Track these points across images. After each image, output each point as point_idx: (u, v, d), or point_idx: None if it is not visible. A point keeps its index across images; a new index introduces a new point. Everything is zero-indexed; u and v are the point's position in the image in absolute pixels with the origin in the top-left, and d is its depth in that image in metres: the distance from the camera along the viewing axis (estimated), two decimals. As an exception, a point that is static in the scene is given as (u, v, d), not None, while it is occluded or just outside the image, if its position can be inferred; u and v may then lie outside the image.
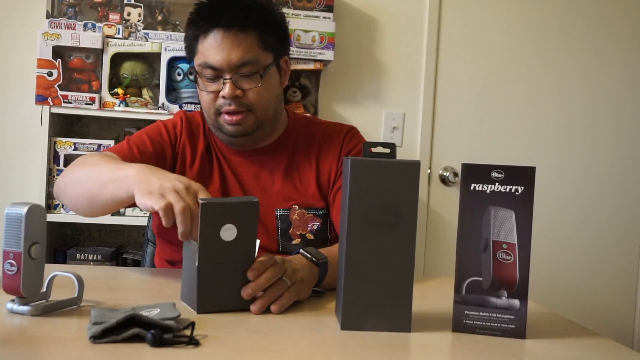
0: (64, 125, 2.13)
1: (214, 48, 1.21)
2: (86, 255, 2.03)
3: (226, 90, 1.20)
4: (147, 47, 2.01)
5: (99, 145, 1.98)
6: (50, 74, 1.96)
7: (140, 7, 2.03)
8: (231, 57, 1.20)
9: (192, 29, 1.26)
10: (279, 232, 1.28)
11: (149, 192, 0.94)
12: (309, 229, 1.29)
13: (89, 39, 1.97)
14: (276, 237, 1.27)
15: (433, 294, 1.13)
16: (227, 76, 1.21)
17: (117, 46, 1.99)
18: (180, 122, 1.33)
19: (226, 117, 1.23)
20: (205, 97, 1.25)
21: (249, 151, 1.31)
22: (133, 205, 1.03)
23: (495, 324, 0.84)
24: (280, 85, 1.30)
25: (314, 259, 1.02)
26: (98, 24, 2.02)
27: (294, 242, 1.28)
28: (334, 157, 1.33)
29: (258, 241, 0.93)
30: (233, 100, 1.21)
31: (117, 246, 2.16)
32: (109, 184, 1.04)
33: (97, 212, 1.14)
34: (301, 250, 1.05)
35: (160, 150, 1.27)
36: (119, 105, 2.00)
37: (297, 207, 1.28)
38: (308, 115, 1.64)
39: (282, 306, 0.91)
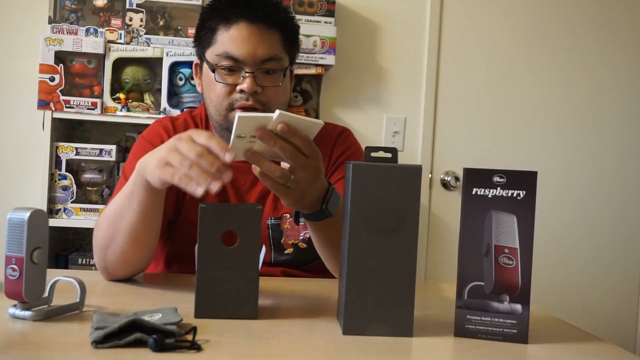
0: (65, 130, 2.13)
1: (238, 40, 1.16)
2: (88, 260, 2.03)
3: (246, 84, 1.15)
4: (148, 52, 2.02)
5: (101, 150, 1.99)
6: (52, 79, 1.96)
7: (142, 12, 2.04)
8: (257, 50, 1.16)
9: (213, 18, 1.20)
10: (271, 242, 1.25)
11: (157, 166, 0.90)
12: (301, 237, 1.26)
13: (91, 44, 1.97)
14: (268, 248, 1.25)
15: (435, 298, 1.13)
16: (249, 70, 1.16)
17: (119, 51, 2.00)
18: (166, 133, 1.26)
19: (239, 112, 1.16)
20: (218, 90, 1.18)
21: None
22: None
23: (498, 329, 0.84)
24: (290, 91, 1.28)
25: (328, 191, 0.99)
26: (100, 29, 2.02)
27: (286, 252, 1.26)
28: (324, 160, 1.25)
29: (264, 250, 0.92)
30: (251, 96, 1.16)
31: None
32: (127, 200, 1.00)
33: (145, 237, 1.04)
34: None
35: None
36: (121, 110, 2.01)
37: (288, 215, 1.25)
38: (303, 115, 1.63)
39: (262, 167, 0.87)
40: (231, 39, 1.17)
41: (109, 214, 1.05)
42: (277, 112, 0.86)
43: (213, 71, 1.19)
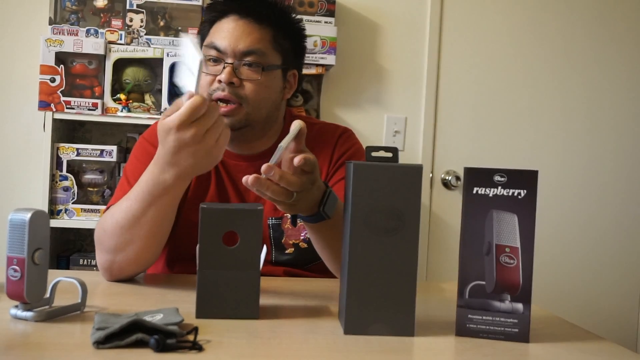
0: (66, 131, 2.14)
1: (224, 31, 1.20)
2: (89, 260, 2.03)
3: (223, 74, 1.17)
4: (149, 53, 2.02)
5: (102, 151, 1.99)
6: (53, 80, 1.96)
7: (143, 13, 2.04)
8: (238, 43, 1.19)
9: (210, 13, 1.25)
10: (272, 242, 1.25)
11: (168, 164, 0.95)
12: (302, 237, 1.26)
13: (92, 45, 1.97)
14: (269, 248, 1.25)
15: (436, 298, 1.13)
16: (229, 61, 1.19)
17: (120, 52, 2.00)
18: None
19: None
20: (202, 81, 1.20)
21: (248, 156, 1.28)
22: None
23: (499, 328, 0.84)
24: (280, 92, 1.27)
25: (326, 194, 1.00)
26: (100, 30, 2.03)
27: (287, 252, 1.26)
28: (325, 161, 1.29)
29: (264, 250, 0.92)
30: (227, 87, 1.17)
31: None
32: (145, 205, 1.00)
33: (162, 235, 1.06)
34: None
35: None
36: (122, 111, 2.01)
37: (289, 215, 1.25)
38: (304, 114, 1.63)
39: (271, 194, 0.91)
40: (218, 31, 1.21)
41: (121, 221, 1.03)
42: (283, 142, 0.90)
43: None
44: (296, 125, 0.93)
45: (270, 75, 1.22)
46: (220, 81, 1.18)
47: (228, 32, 1.20)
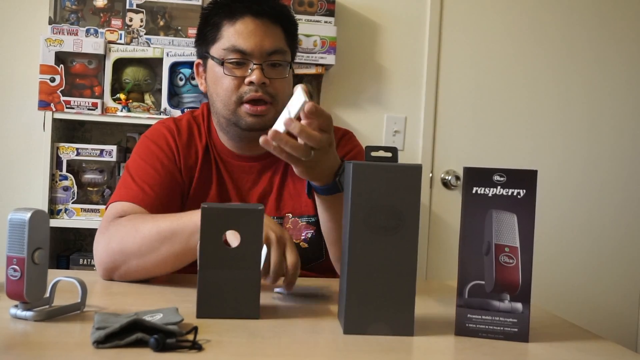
0: (66, 131, 2.14)
1: (244, 33, 1.20)
2: (89, 260, 2.03)
3: (255, 76, 1.18)
4: (149, 53, 2.02)
5: (102, 151, 1.99)
6: (52, 80, 1.96)
7: (142, 12, 2.04)
8: (264, 43, 1.20)
9: (217, 15, 1.23)
10: None
11: None
12: (302, 237, 1.27)
13: (91, 45, 1.97)
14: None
15: (435, 297, 1.13)
16: (257, 62, 1.20)
17: (119, 52, 2.00)
18: (171, 135, 1.27)
19: (248, 106, 1.20)
20: (226, 84, 1.21)
21: (250, 156, 1.29)
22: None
23: (498, 328, 0.84)
24: (292, 86, 1.30)
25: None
26: (100, 30, 2.02)
27: None
28: None
29: (265, 250, 0.92)
30: (260, 88, 1.19)
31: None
32: (185, 237, 1.02)
33: (181, 264, 1.08)
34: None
35: (169, 176, 1.23)
36: (122, 111, 2.01)
37: (290, 215, 1.27)
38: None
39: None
40: (237, 33, 1.21)
41: (163, 227, 1.04)
42: (302, 96, 0.91)
43: (222, 64, 1.21)
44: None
45: (289, 72, 1.26)
46: (251, 82, 1.19)
47: (250, 34, 1.20)
